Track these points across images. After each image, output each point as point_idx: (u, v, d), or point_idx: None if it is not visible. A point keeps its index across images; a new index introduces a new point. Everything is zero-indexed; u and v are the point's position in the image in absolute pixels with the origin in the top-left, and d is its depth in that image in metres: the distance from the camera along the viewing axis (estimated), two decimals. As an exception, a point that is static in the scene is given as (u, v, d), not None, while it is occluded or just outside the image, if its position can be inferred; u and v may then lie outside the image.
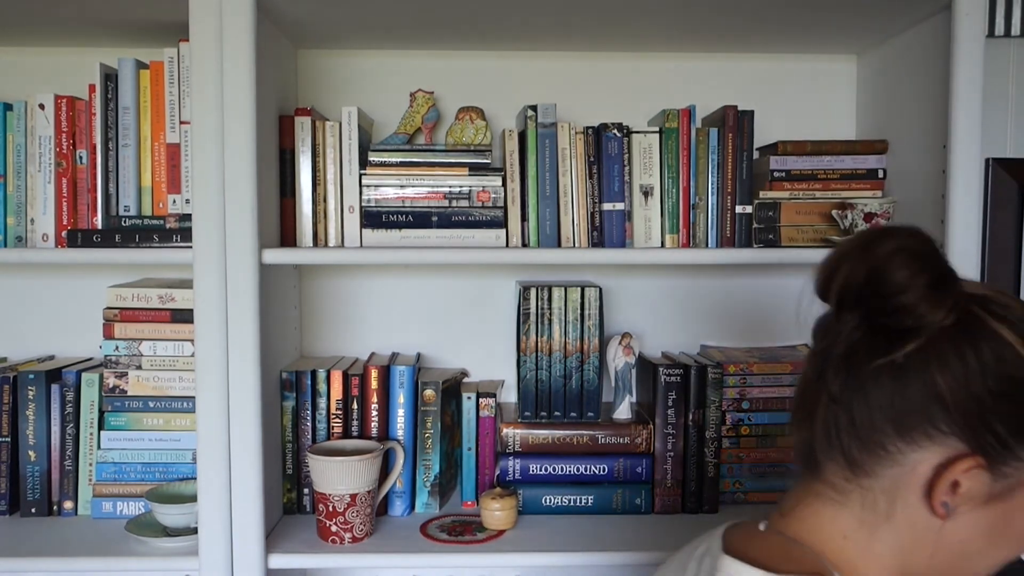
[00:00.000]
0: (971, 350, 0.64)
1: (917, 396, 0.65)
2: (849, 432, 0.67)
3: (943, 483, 0.65)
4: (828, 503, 0.70)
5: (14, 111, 1.29)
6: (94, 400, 1.31)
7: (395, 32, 1.38)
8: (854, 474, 0.68)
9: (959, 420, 0.64)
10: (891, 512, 0.68)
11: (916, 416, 0.65)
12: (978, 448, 0.65)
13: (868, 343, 0.66)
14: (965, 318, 0.65)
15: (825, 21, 1.33)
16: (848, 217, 1.31)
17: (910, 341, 0.65)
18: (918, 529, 0.68)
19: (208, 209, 1.14)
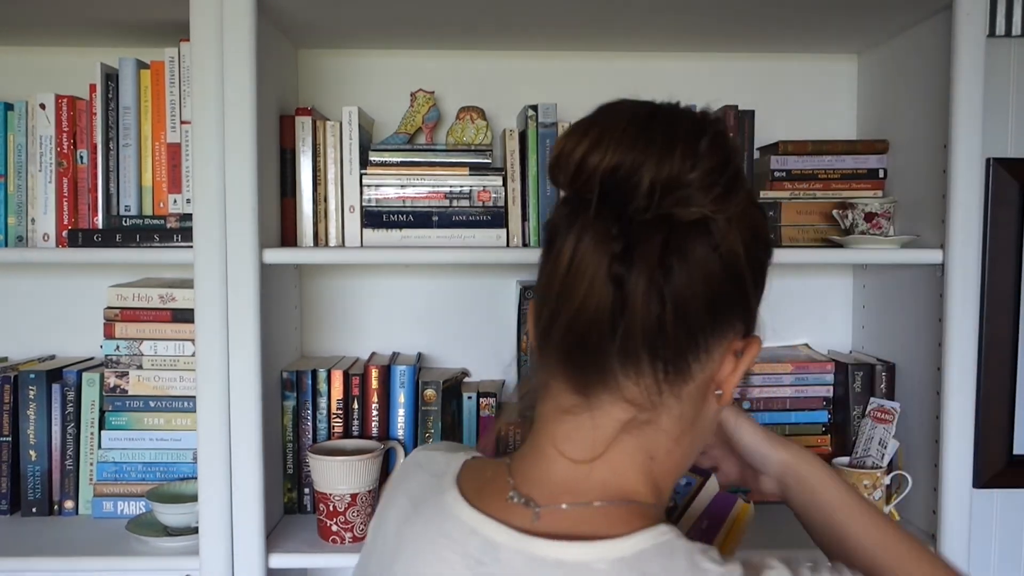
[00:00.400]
0: (748, 229, 0.63)
1: (730, 286, 0.62)
2: (676, 336, 0.60)
3: (739, 372, 0.66)
4: (638, 429, 0.63)
5: (15, 111, 1.29)
6: (95, 400, 1.31)
7: (395, 32, 1.38)
8: (671, 385, 0.62)
9: (752, 302, 0.65)
10: (693, 414, 0.66)
11: (728, 307, 0.63)
12: (750, 326, 0.66)
13: (681, 236, 0.59)
14: (739, 197, 0.62)
15: (825, 21, 1.33)
16: (849, 217, 1.31)
17: (712, 229, 0.60)
18: (704, 420, 0.68)
19: (209, 209, 1.14)
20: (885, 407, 1.31)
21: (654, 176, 0.58)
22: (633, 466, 0.64)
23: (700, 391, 0.65)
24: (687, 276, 0.59)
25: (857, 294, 1.54)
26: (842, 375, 1.38)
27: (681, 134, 0.59)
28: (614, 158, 0.59)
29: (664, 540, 0.60)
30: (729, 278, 0.62)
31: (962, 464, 1.20)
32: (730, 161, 0.61)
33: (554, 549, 0.60)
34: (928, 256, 1.22)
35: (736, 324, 0.65)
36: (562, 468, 0.64)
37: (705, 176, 0.59)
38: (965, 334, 1.20)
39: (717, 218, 0.60)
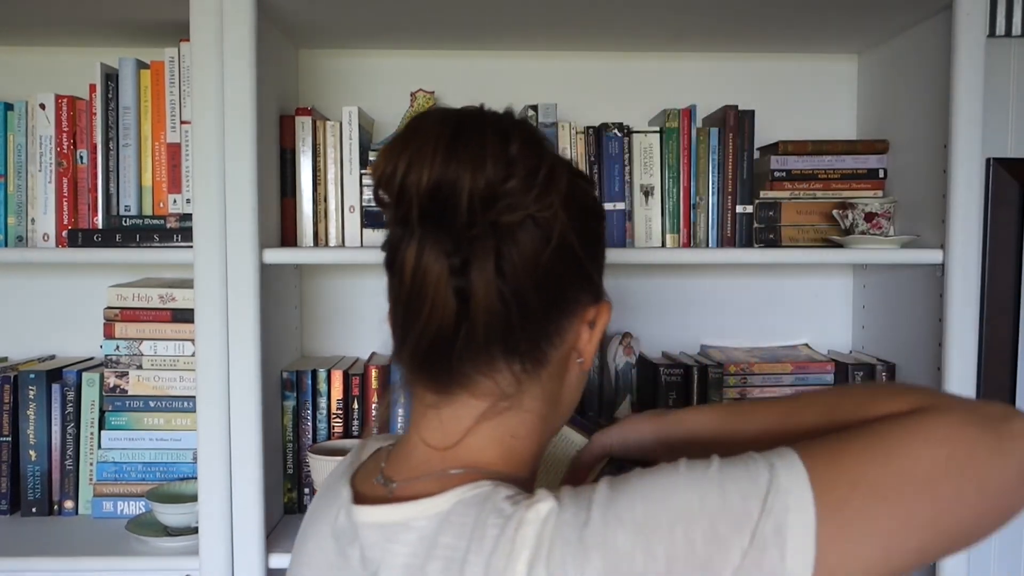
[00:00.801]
0: (575, 205, 0.65)
1: (569, 273, 0.65)
2: (526, 334, 0.63)
3: (595, 339, 0.68)
4: (497, 414, 0.66)
5: (15, 111, 1.29)
6: (95, 400, 1.31)
7: (395, 32, 1.38)
8: (529, 373, 0.65)
9: (594, 276, 0.67)
10: (554, 388, 0.68)
11: (571, 291, 0.66)
12: (597, 294, 0.69)
13: (509, 241, 0.61)
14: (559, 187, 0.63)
15: (825, 21, 1.33)
16: (849, 217, 1.31)
17: (543, 226, 0.62)
18: (567, 388, 0.71)
19: (209, 209, 1.14)
20: (885, 407, 1.30)
21: (471, 189, 0.59)
22: (492, 444, 0.67)
23: (560, 366, 0.68)
24: (524, 274, 0.62)
25: (857, 294, 1.54)
26: (842, 375, 1.38)
27: (489, 144, 0.60)
28: (431, 176, 0.60)
29: (480, 491, 0.62)
30: (565, 261, 0.64)
31: (962, 464, 1.20)
32: (543, 159, 0.62)
33: (376, 513, 0.64)
34: (928, 256, 1.22)
35: (582, 298, 0.68)
36: (422, 452, 0.68)
37: (522, 181, 0.61)
38: (965, 334, 1.20)
39: (546, 215, 0.62)
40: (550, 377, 0.68)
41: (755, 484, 0.55)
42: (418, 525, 0.62)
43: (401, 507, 0.63)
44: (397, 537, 0.63)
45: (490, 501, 0.61)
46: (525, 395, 0.67)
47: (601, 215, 0.72)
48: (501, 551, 0.57)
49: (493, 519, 0.59)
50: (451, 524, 0.60)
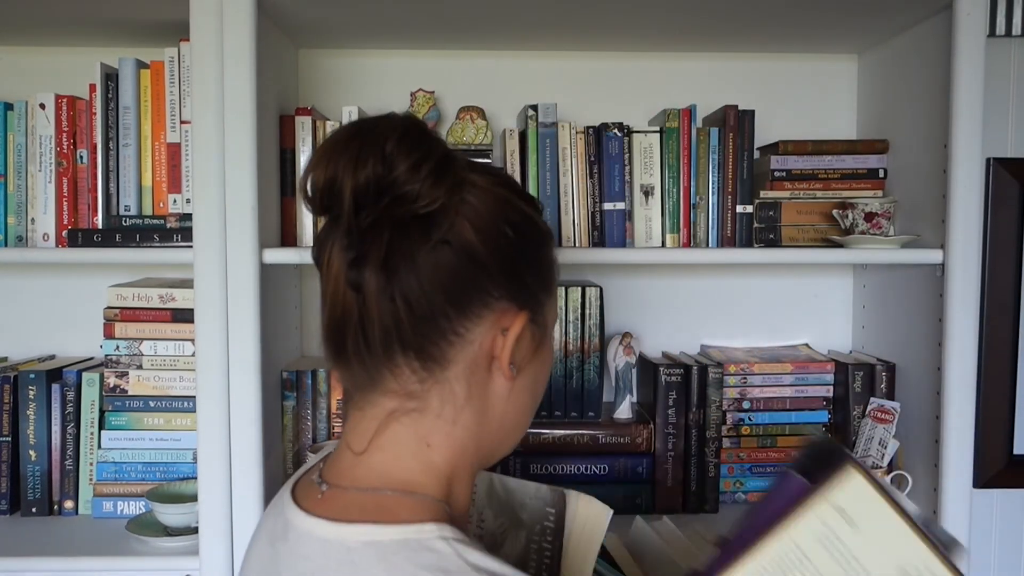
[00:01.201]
0: (483, 208, 0.66)
1: (464, 270, 0.65)
2: (415, 327, 0.64)
3: (508, 347, 0.67)
4: (406, 416, 0.67)
5: (15, 111, 1.29)
6: (95, 400, 1.31)
7: (395, 32, 1.38)
8: (429, 372, 0.66)
9: (503, 280, 0.67)
10: (469, 394, 0.68)
11: (470, 290, 0.65)
12: (522, 303, 0.68)
13: (403, 234, 0.63)
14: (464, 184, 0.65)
15: (826, 21, 1.33)
16: (849, 217, 1.31)
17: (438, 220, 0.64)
18: (493, 399, 0.70)
19: (209, 209, 1.14)
20: (885, 407, 1.31)
21: (353, 184, 0.62)
22: (407, 453, 0.67)
23: (470, 371, 0.68)
24: (412, 272, 0.63)
25: (857, 294, 1.54)
26: (842, 375, 1.38)
27: (370, 141, 0.63)
28: (325, 174, 0.63)
29: (422, 537, 0.61)
30: (465, 265, 0.65)
31: (962, 464, 1.20)
32: (429, 155, 0.63)
33: (323, 528, 0.65)
34: (928, 256, 1.22)
35: (492, 303, 0.67)
36: (345, 458, 0.69)
37: (406, 175, 0.62)
38: (965, 334, 1.20)
39: (440, 210, 0.63)
40: (457, 380, 0.67)
41: None
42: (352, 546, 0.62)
43: (348, 528, 0.63)
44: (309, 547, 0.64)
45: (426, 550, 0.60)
46: (433, 397, 0.67)
47: (525, 226, 0.70)
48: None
49: None
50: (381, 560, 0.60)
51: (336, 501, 0.67)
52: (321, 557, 0.63)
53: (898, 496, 0.62)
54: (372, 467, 0.67)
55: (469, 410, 0.68)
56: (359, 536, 0.62)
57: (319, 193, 0.64)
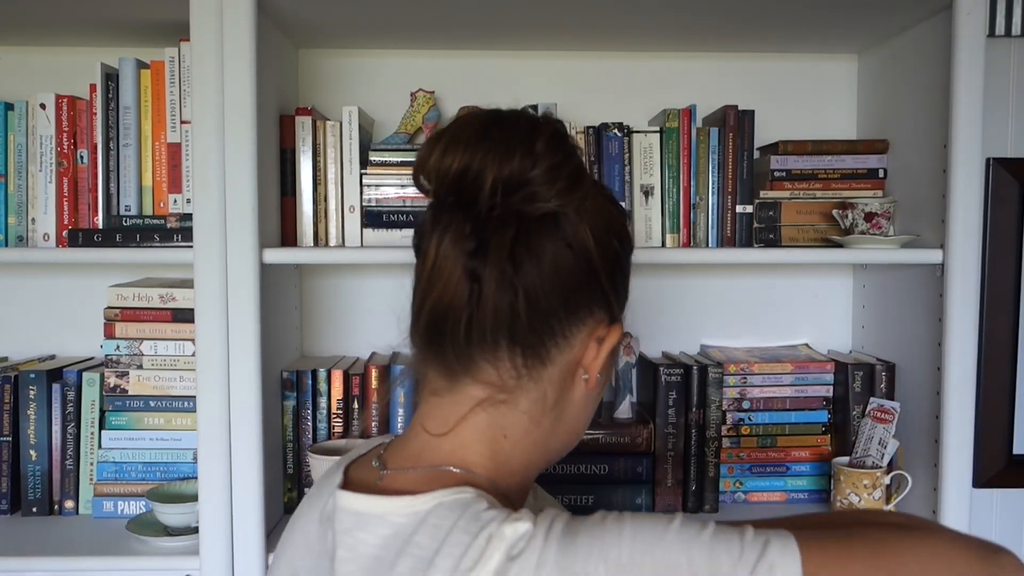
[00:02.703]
0: (599, 218, 0.67)
1: (581, 274, 0.66)
2: (530, 322, 0.65)
3: (601, 357, 0.69)
4: (493, 407, 0.67)
5: (15, 111, 1.29)
6: (95, 399, 1.31)
7: (395, 32, 1.38)
8: (529, 368, 0.66)
9: (608, 290, 0.68)
10: (559, 398, 0.69)
11: (582, 295, 0.67)
12: (614, 316, 0.70)
13: (531, 231, 0.64)
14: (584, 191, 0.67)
15: (825, 21, 1.33)
16: (849, 217, 1.31)
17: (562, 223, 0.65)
18: (570, 405, 0.70)
19: (209, 209, 1.14)
20: (885, 407, 1.31)
21: (496, 175, 0.63)
22: (480, 440, 0.68)
23: (562, 375, 0.69)
24: (538, 267, 0.64)
25: (857, 294, 1.54)
26: (842, 375, 1.38)
27: (519, 136, 0.64)
28: (461, 161, 0.63)
29: (462, 496, 0.63)
30: (581, 269, 0.66)
31: (962, 464, 1.20)
32: (570, 158, 0.66)
33: (356, 501, 0.66)
34: (928, 256, 1.22)
35: (595, 312, 0.68)
36: (419, 440, 0.70)
37: (546, 173, 0.63)
38: (965, 334, 1.20)
39: (565, 212, 0.64)
40: (551, 382, 0.68)
41: (744, 553, 0.55)
42: (394, 520, 0.63)
43: (381, 500, 0.65)
44: (369, 527, 0.64)
45: (470, 508, 0.61)
46: (523, 394, 0.67)
47: (628, 243, 0.72)
48: (469, 557, 0.58)
49: (468, 525, 0.60)
50: (427, 525, 0.61)
51: (396, 481, 0.67)
52: (358, 531, 0.64)
53: None
54: (442, 448, 0.68)
55: (553, 413, 0.69)
56: (400, 507, 0.63)
57: (450, 180, 0.64)
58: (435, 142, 0.65)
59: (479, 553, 0.58)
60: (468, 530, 0.59)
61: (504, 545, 0.57)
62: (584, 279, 0.66)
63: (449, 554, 0.59)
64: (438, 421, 0.69)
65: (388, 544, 0.62)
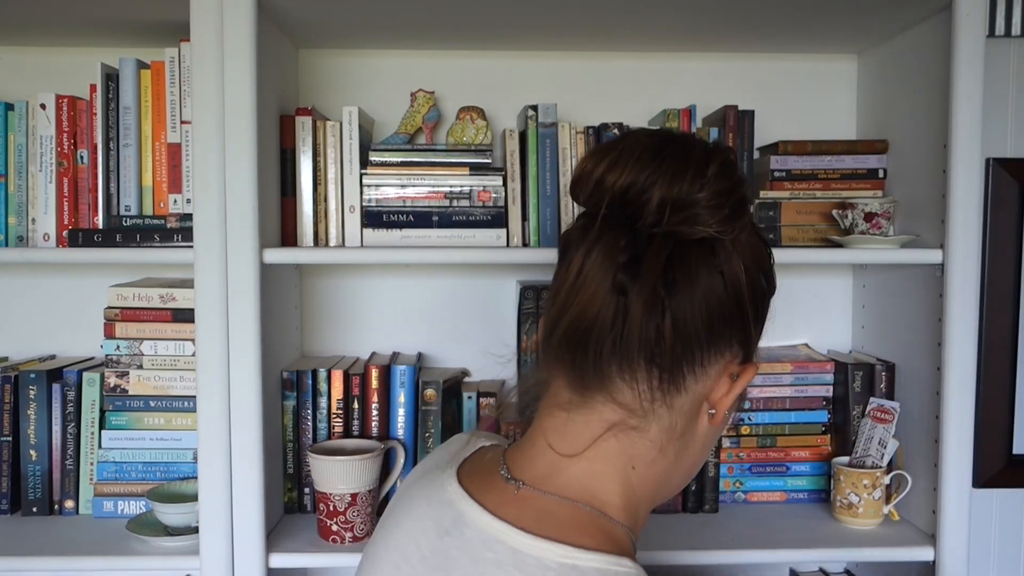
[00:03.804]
0: (750, 254, 0.67)
1: (727, 305, 0.65)
2: (672, 345, 0.64)
3: (733, 394, 0.68)
4: (624, 433, 0.66)
5: (15, 111, 1.29)
6: (95, 399, 1.32)
7: (396, 32, 1.38)
8: (664, 393, 0.65)
9: (750, 326, 0.67)
10: (686, 429, 0.68)
11: (725, 326, 0.66)
12: (748, 354, 0.69)
13: (686, 253, 0.63)
14: (744, 223, 0.66)
15: (825, 21, 1.33)
16: (849, 217, 1.31)
17: (717, 250, 0.64)
18: (693, 439, 0.69)
19: (209, 209, 1.14)
20: (885, 407, 1.31)
21: (664, 194, 0.62)
22: (612, 469, 0.67)
23: (692, 406, 0.67)
24: (689, 291, 0.63)
25: (857, 294, 1.54)
26: (842, 375, 1.38)
27: (693, 159, 0.63)
28: (629, 177, 0.63)
29: (620, 571, 0.61)
30: (729, 299, 0.65)
31: (962, 464, 1.20)
32: (737, 188, 0.65)
33: (516, 537, 0.63)
34: (928, 256, 1.23)
35: (734, 346, 0.67)
36: (547, 459, 0.68)
37: (712, 198, 0.63)
38: (965, 334, 1.20)
39: (723, 240, 0.64)
40: (682, 412, 0.67)
41: None
42: (550, 564, 0.61)
43: (539, 542, 0.62)
44: (525, 568, 0.62)
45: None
46: (655, 421, 0.66)
47: (772, 283, 0.71)
48: None
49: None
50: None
51: (530, 505, 0.66)
52: (513, 568, 0.62)
53: None
54: (574, 476, 0.67)
55: (677, 445, 0.68)
56: (558, 556, 0.61)
57: (615, 194, 0.63)
58: (603, 155, 0.65)
59: None
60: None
61: None
62: (730, 311, 0.65)
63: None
64: (567, 440, 0.67)
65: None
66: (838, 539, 1.24)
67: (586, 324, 0.64)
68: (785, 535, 1.26)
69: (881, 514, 1.28)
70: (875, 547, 1.22)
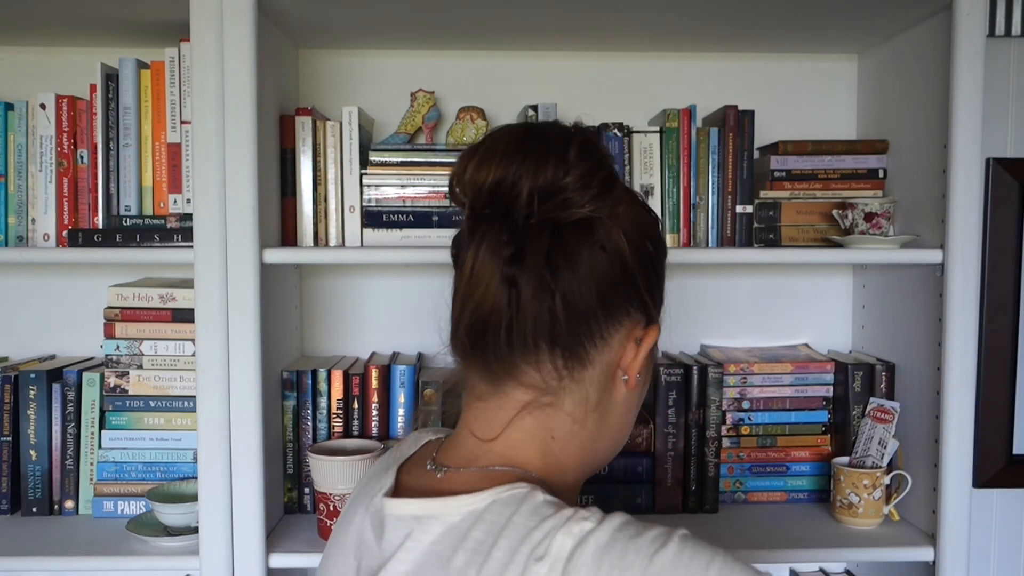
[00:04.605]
0: (632, 225, 0.69)
1: (616, 277, 0.68)
2: (568, 325, 0.67)
3: (640, 357, 0.71)
4: (539, 410, 0.70)
5: (15, 111, 1.29)
6: (95, 399, 1.31)
7: (396, 32, 1.38)
8: (570, 370, 0.68)
9: (644, 292, 0.70)
10: (599, 399, 0.71)
11: (619, 296, 0.68)
12: (651, 317, 0.71)
13: (566, 236, 0.66)
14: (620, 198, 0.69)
15: (825, 21, 1.33)
16: (849, 217, 1.31)
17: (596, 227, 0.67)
18: (612, 407, 0.72)
19: (209, 209, 1.14)
20: (885, 407, 1.31)
21: (532, 184, 0.65)
22: (531, 441, 0.70)
23: (603, 376, 0.71)
24: (574, 270, 0.66)
25: (857, 294, 1.54)
26: (842, 375, 1.38)
27: (552, 146, 0.67)
28: (496, 173, 0.66)
29: (517, 491, 0.64)
30: (615, 271, 0.68)
31: (962, 464, 1.20)
32: (601, 166, 0.67)
33: (408, 506, 0.67)
34: (928, 256, 1.22)
35: (632, 314, 0.70)
36: (469, 444, 0.72)
37: (578, 180, 0.66)
38: (965, 334, 1.20)
39: (599, 217, 0.66)
40: (592, 383, 0.70)
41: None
42: (450, 519, 0.64)
43: (436, 501, 0.66)
44: (425, 527, 0.65)
45: (527, 501, 0.63)
46: (566, 396, 0.69)
47: (660, 246, 0.74)
48: (528, 543, 0.60)
49: (527, 518, 0.61)
50: (483, 520, 0.63)
51: (452, 482, 0.69)
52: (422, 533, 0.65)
53: None
54: (496, 452, 0.70)
55: (596, 414, 0.71)
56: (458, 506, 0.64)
57: (483, 192, 0.66)
58: (470, 157, 0.68)
59: (541, 548, 0.59)
60: (527, 521, 0.61)
61: (567, 543, 0.59)
62: (620, 281, 0.68)
63: (505, 543, 0.60)
64: (486, 426, 0.71)
65: (443, 539, 0.64)
66: (838, 539, 1.24)
67: (484, 318, 0.67)
68: (785, 535, 1.26)
69: (881, 514, 1.28)
70: (875, 547, 1.22)
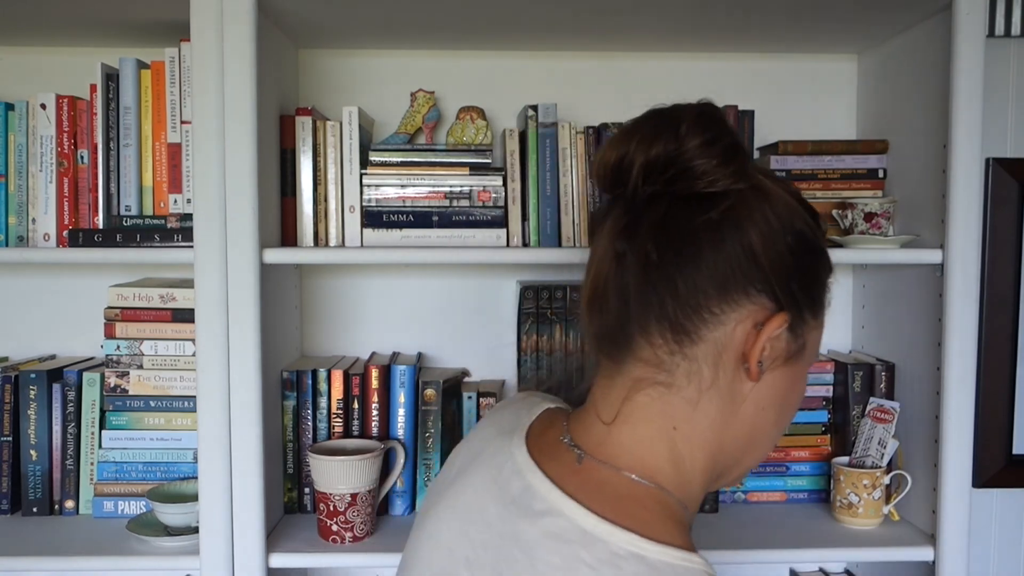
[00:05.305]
0: (769, 209, 0.68)
1: (735, 255, 0.66)
2: (674, 298, 0.66)
3: (760, 343, 0.67)
4: (652, 388, 0.68)
5: (15, 111, 1.29)
6: (95, 399, 1.32)
7: (396, 32, 1.38)
8: (679, 344, 0.67)
9: (771, 277, 0.67)
10: (715, 379, 0.68)
11: (736, 275, 0.66)
12: (783, 306, 0.68)
13: (680, 209, 0.67)
14: (756, 183, 0.69)
15: (825, 21, 1.33)
16: (849, 217, 1.31)
17: (719, 203, 0.66)
18: (734, 395, 0.69)
19: (209, 209, 1.14)
20: (885, 407, 1.31)
21: (644, 159, 0.66)
22: (654, 431, 0.69)
23: (718, 356, 0.68)
24: (680, 245, 0.66)
25: (857, 294, 1.54)
26: (842, 375, 1.38)
27: (666, 122, 0.67)
28: (617, 152, 0.68)
29: (694, 568, 0.62)
30: (735, 249, 0.66)
31: (961, 464, 1.21)
32: (721, 136, 0.66)
33: (585, 518, 0.64)
34: (928, 256, 1.23)
35: (755, 297, 0.67)
36: (597, 428, 0.71)
37: (696, 150, 0.66)
38: (965, 334, 1.20)
39: (720, 192, 0.66)
40: (705, 361, 0.67)
41: None
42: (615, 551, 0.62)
43: (608, 526, 0.63)
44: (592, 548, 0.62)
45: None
46: (680, 373, 0.68)
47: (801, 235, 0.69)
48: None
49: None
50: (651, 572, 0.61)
51: (592, 477, 0.68)
52: (581, 548, 0.63)
53: None
54: (622, 443, 0.69)
55: (714, 398, 0.68)
56: (625, 543, 0.62)
57: (609, 171, 0.69)
58: (605, 144, 0.71)
59: None
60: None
61: None
62: (737, 260, 0.66)
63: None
64: (608, 406, 0.71)
65: (601, 571, 0.61)
66: (838, 539, 1.24)
67: (599, 290, 0.69)
68: (785, 535, 1.26)
69: (881, 514, 1.28)
70: (875, 547, 1.22)
